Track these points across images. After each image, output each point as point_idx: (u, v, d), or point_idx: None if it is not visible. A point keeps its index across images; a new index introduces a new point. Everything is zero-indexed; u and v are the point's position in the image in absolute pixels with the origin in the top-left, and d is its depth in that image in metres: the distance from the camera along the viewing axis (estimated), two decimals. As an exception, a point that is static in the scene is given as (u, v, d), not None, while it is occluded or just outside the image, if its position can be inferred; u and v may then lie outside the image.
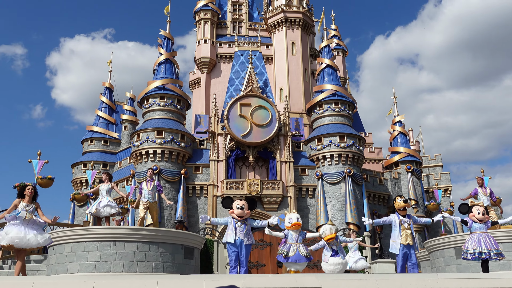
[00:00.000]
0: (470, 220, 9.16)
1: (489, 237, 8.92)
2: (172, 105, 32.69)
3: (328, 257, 10.68)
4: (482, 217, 8.98)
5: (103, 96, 41.18)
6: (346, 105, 34.74)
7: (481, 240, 8.84)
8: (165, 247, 11.85)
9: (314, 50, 46.89)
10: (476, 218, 9.02)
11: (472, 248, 8.88)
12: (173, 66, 34.24)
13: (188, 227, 29.95)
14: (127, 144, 38.78)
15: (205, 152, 33.01)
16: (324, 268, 10.74)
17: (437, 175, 43.04)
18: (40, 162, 16.40)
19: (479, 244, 8.81)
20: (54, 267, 11.63)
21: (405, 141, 38.18)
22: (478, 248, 8.80)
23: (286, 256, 9.77)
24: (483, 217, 8.98)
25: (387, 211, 35.10)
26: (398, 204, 9.74)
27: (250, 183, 31.26)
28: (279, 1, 44.10)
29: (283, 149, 32.90)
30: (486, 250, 8.73)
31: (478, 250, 8.77)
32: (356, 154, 33.02)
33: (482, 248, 8.75)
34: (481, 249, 8.75)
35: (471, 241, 8.98)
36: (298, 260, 9.80)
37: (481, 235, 8.95)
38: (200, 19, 43.47)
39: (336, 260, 10.56)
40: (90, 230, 11.70)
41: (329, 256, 10.68)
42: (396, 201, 9.88)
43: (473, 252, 8.85)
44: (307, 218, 32.18)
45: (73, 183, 38.16)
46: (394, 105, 39.67)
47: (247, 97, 33.26)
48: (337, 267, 10.48)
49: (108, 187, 12.74)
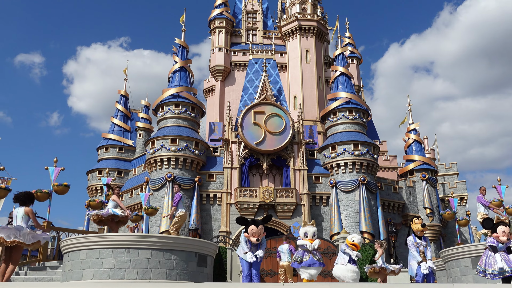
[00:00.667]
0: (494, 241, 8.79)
1: (507, 255, 8.61)
2: (187, 113, 32.89)
3: (346, 261, 10.52)
4: (505, 240, 8.68)
5: (118, 104, 41.63)
6: (360, 113, 34.58)
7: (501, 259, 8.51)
8: (179, 255, 11.87)
9: (328, 58, 46.86)
10: (501, 240, 8.70)
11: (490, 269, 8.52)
12: (187, 74, 34.50)
13: (202, 234, 29.99)
14: (141, 152, 39.08)
15: (219, 159, 33.10)
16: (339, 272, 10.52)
17: (452, 183, 42.48)
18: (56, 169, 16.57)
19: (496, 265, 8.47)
20: (69, 274, 11.73)
21: (420, 149, 37.82)
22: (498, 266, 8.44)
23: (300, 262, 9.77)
24: (505, 240, 8.69)
25: (402, 219, 34.75)
26: (416, 227, 9.89)
27: (263, 191, 31.22)
28: (293, 9, 44.24)
29: (297, 156, 32.83)
30: (508, 269, 8.37)
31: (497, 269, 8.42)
32: (371, 162, 32.80)
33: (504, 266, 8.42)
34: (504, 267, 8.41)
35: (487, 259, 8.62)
36: (312, 264, 9.79)
37: (501, 254, 8.64)
38: (214, 28, 43.79)
39: (354, 268, 10.50)
40: (104, 237, 11.79)
41: (347, 261, 10.53)
42: (413, 223, 9.96)
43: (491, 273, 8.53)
44: (321, 227, 31.99)
45: (88, 190, 38.53)
46: (409, 113, 39.37)
47: (261, 105, 33.32)
48: (352, 275, 10.40)
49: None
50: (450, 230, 38.38)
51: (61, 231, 17.38)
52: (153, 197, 30.41)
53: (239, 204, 30.93)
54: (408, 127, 38.74)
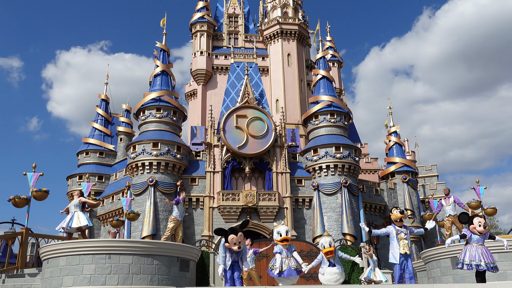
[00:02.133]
0: (470, 232, 9.07)
1: (486, 250, 8.86)
2: (168, 117, 32.70)
3: (325, 269, 10.62)
4: (483, 230, 8.92)
5: (99, 108, 41.19)
6: (342, 116, 34.86)
7: (478, 253, 8.79)
8: (160, 260, 11.79)
9: (310, 62, 47.18)
10: (477, 230, 8.94)
11: (469, 259, 8.84)
12: (169, 78, 34.32)
13: (184, 239, 29.75)
14: (123, 156, 38.71)
15: (201, 163, 32.97)
16: (321, 279, 10.70)
17: (433, 185, 43.07)
18: (35, 174, 16.29)
19: (478, 258, 8.75)
20: (49, 281, 11.54)
21: (400, 151, 38.28)
22: (475, 260, 8.75)
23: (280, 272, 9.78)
24: (483, 230, 8.93)
25: (384, 221, 35.06)
26: (395, 215, 9.98)
27: (246, 195, 31.20)
28: (275, 13, 44.42)
29: (279, 160, 32.91)
30: (483, 263, 8.71)
31: (475, 263, 8.73)
32: (352, 165, 33.06)
33: (480, 261, 8.71)
34: (479, 261, 8.70)
35: (469, 252, 8.92)
36: (290, 274, 9.83)
37: (478, 247, 8.88)
38: (196, 31, 43.70)
39: (333, 270, 10.53)
40: (85, 243, 11.64)
41: (326, 267, 10.63)
42: (392, 213, 10.09)
43: (469, 263, 8.82)
44: (304, 229, 32.11)
45: (69, 196, 37.97)
46: (390, 116, 39.84)
47: (243, 109, 33.33)
48: (333, 277, 10.44)
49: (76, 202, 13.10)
50: (430, 231, 38.80)
51: (40, 238, 17.08)
52: (134, 202, 30.13)
53: (221, 208, 30.85)
54: (389, 129, 39.20)
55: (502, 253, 12.13)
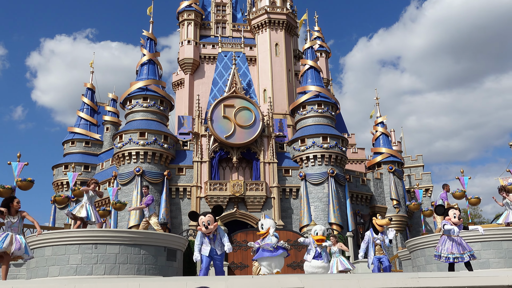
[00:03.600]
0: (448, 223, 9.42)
1: (460, 241, 9.22)
2: (155, 106, 32.49)
3: (311, 257, 10.67)
4: (457, 221, 9.33)
5: (84, 97, 40.71)
6: (329, 106, 34.96)
7: (452, 246, 9.16)
8: (147, 249, 11.78)
9: (298, 52, 47.10)
10: (452, 222, 9.34)
11: (446, 253, 9.21)
12: (156, 67, 34.04)
13: (171, 228, 29.80)
14: (109, 146, 38.41)
15: (189, 153, 32.88)
16: (306, 269, 10.76)
17: (418, 175, 43.57)
18: (20, 164, 16.12)
19: (451, 251, 9.13)
20: (34, 271, 11.47)
21: (387, 142, 38.58)
22: (451, 254, 9.13)
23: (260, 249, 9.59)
24: (458, 221, 9.32)
25: (370, 211, 35.41)
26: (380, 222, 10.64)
27: (233, 184, 31.24)
28: (263, 3, 44.16)
29: (266, 150, 32.96)
30: (458, 255, 9.11)
31: (452, 256, 9.11)
32: (339, 155, 33.25)
33: (454, 254, 9.09)
34: (454, 255, 9.09)
35: (443, 245, 9.29)
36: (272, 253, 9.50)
37: (453, 239, 9.23)
38: (183, 20, 43.30)
39: (318, 264, 10.59)
40: (71, 233, 11.57)
41: (311, 257, 10.67)
42: (377, 218, 10.75)
43: (446, 256, 9.19)
44: (291, 219, 32.30)
45: (54, 185, 37.65)
46: (377, 107, 40.07)
47: (231, 98, 33.24)
48: (318, 270, 10.49)
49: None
50: (415, 220, 39.38)
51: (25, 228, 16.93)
52: (121, 192, 29.99)
53: (209, 197, 30.86)
54: (376, 120, 39.44)
55: (485, 242, 12.35)
